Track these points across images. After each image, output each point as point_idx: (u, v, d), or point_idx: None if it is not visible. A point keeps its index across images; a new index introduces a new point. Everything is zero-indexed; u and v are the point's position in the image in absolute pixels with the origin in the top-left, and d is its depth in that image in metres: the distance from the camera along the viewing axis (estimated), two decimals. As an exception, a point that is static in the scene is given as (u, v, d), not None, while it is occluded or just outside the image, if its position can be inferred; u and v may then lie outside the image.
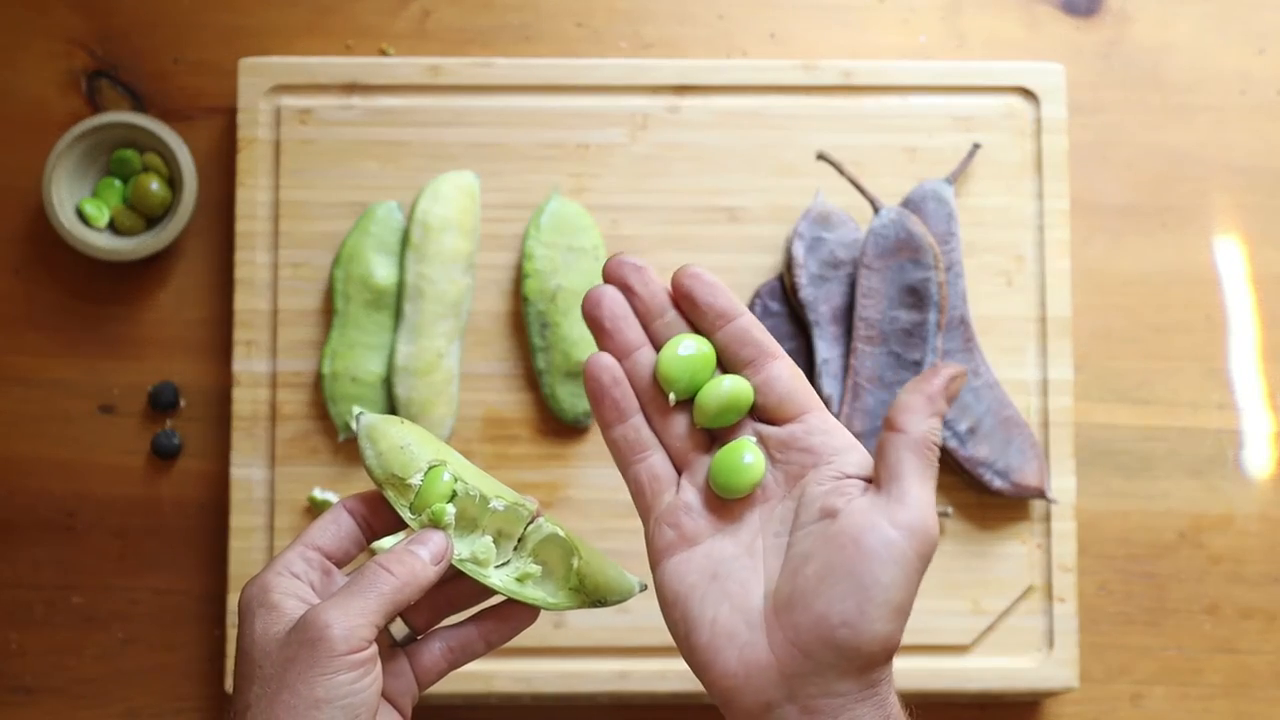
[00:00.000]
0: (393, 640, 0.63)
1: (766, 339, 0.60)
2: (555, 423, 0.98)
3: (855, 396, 0.94)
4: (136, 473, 1.00)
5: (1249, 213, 1.03)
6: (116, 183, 1.00)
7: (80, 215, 0.99)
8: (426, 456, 0.62)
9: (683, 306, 0.60)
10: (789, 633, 0.56)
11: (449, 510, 0.62)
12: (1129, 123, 1.03)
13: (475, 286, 0.99)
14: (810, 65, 1.00)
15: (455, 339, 0.97)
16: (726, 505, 0.60)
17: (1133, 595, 1.00)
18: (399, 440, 0.62)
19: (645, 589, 0.64)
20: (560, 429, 0.98)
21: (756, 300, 0.97)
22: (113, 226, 1.00)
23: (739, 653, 0.56)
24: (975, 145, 0.98)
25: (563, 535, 0.63)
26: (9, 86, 1.02)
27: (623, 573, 0.64)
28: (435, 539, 0.61)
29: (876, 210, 0.95)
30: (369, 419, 0.62)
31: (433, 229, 0.96)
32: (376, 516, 0.63)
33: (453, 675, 0.65)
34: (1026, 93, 1.00)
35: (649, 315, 0.60)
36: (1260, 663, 1.00)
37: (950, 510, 0.97)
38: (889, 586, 0.55)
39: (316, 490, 0.96)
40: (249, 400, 0.97)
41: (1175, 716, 0.99)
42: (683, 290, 0.60)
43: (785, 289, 0.97)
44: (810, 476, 0.58)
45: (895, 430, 0.58)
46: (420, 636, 0.64)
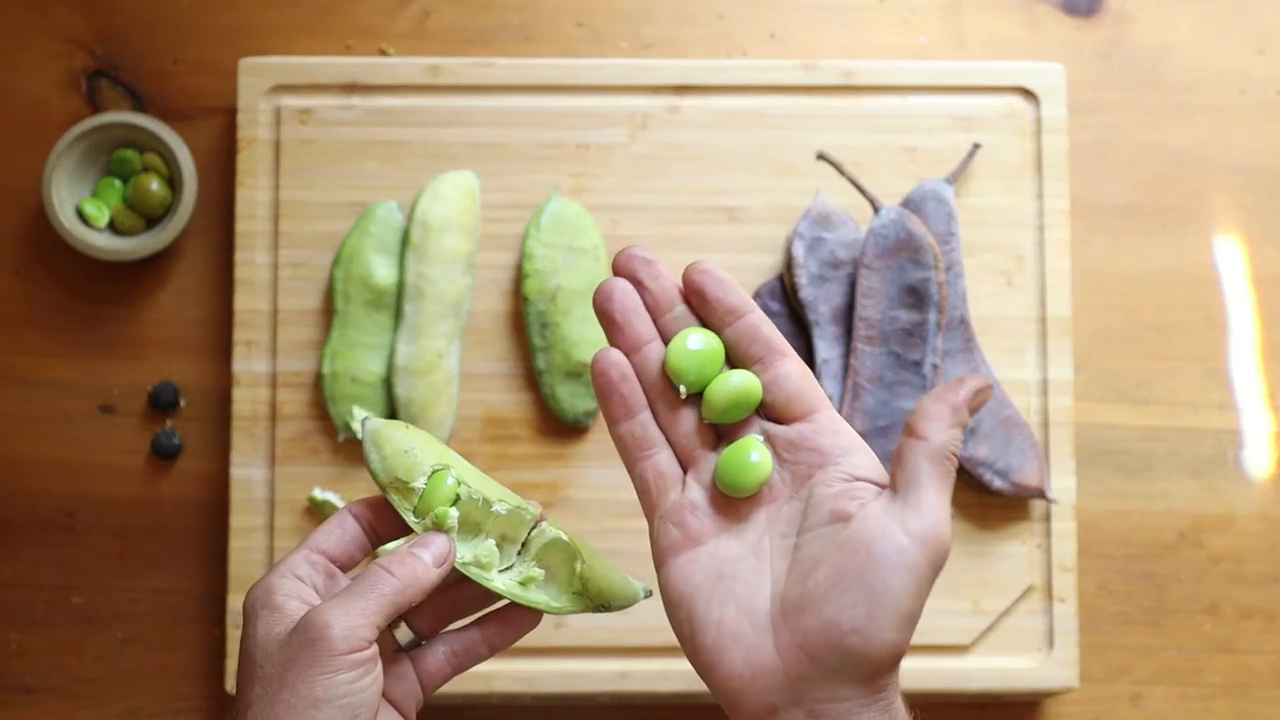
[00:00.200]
0: (397, 645, 0.63)
1: (776, 337, 0.60)
2: (555, 423, 0.98)
3: (855, 396, 0.94)
4: (136, 473, 1.00)
5: (1249, 213, 1.03)
6: (116, 183, 1.00)
7: (80, 215, 0.99)
8: (430, 461, 0.62)
9: (693, 302, 0.60)
10: (797, 636, 0.55)
11: (452, 514, 0.62)
12: (1129, 123, 1.03)
13: (475, 286, 0.99)
14: (810, 65, 1.00)
15: (455, 339, 0.97)
16: (733, 504, 0.59)
17: (1133, 595, 1.00)
18: (403, 444, 0.62)
19: (650, 595, 0.63)
20: (560, 429, 0.98)
21: (756, 300, 0.97)
22: (113, 226, 1.00)
23: (745, 654, 0.56)
24: (975, 145, 0.98)
25: (566, 540, 0.63)
26: (9, 86, 1.02)
27: (627, 578, 0.64)
28: (438, 542, 0.61)
29: (876, 210, 0.95)
30: (374, 424, 0.63)
31: (433, 229, 0.96)
32: (381, 521, 0.63)
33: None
34: (1026, 93, 1.00)
35: (658, 309, 0.60)
36: (1260, 663, 1.00)
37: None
38: (900, 594, 0.54)
39: (316, 490, 0.96)
40: (249, 400, 0.97)
41: (1175, 716, 0.99)
42: (694, 286, 0.60)
43: (785, 289, 0.97)
44: (818, 477, 0.58)
45: (916, 437, 0.57)
46: (424, 641, 0.64)
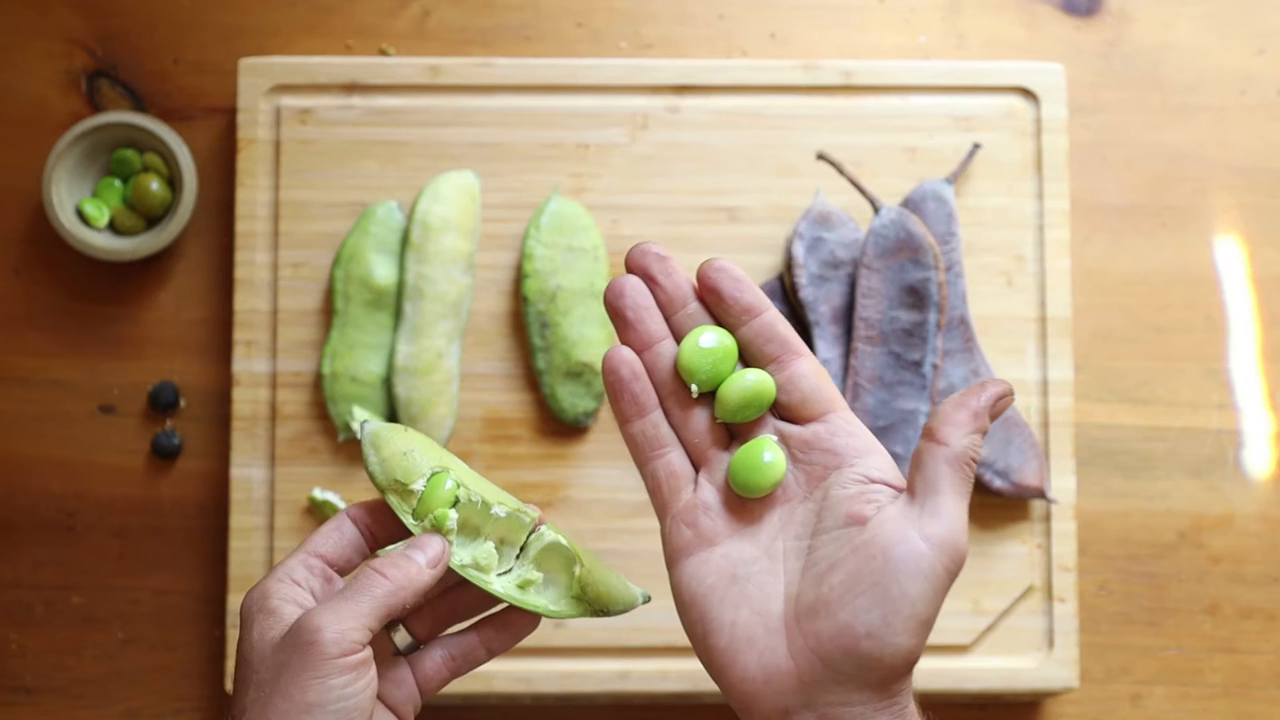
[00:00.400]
0: (396, 649, 0.63)
1: (791, 336, 0.59)
2: (555, 423, 0.98)
3: (855, 397, 0.94)
4: (136, 473, 1.00)
5: (1249, 213, 1.03)
6: (116, 183, 1.00)
7: (80, 215, 0.99)
8: (429, 463, 0.62)
9: (707, 300, 0.59)
10: (810, 640, 0.55)
11: (451, 516, 0.62)
12: (1129, 123, 1.03)
13: (475, 286, 0.99)
14: (810, 65, 1.00)
15: (455, 339, 0.97)
16: (746, 505, 0.59)
17: (1133, 595, 1.00)
18: (402, 447, 0.62)
19: (649, 600, 0.63)
20: (560, 429, 0.98)
21: (756, 300, 0.97)
22: (113, 226, 1.00)
23: (758, 657, 0.56)
24: (975, 145, 0.98)
25: (565, 544, 0.63)
26: (9, 86, 1.02)
27: (626, 584, 0.63)
28: (433, 544, 0.61)
29: (876, 210, 0.95)
30: (373, 426, 0.63)
31: (433, 229, 0.96)
32: (379, 525, 0.63)
33: (453, 676, 0.65)
34: (1026, 93, 1.00)
35: (671, 306, 0.59)
36: (1260, 663, 1.00)
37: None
38: (916, 600, 0.54)
39: (316, 490, 0.96)
40: (249, 400, 0.97)
41: (1175, 716, 0.99)
42: (708, 284, 0.59)
43: (785, 289, 0.97)
44: (833, 479, 0.57)
45: (935, 442, 0.56)
46: (423, 645, 0.64)
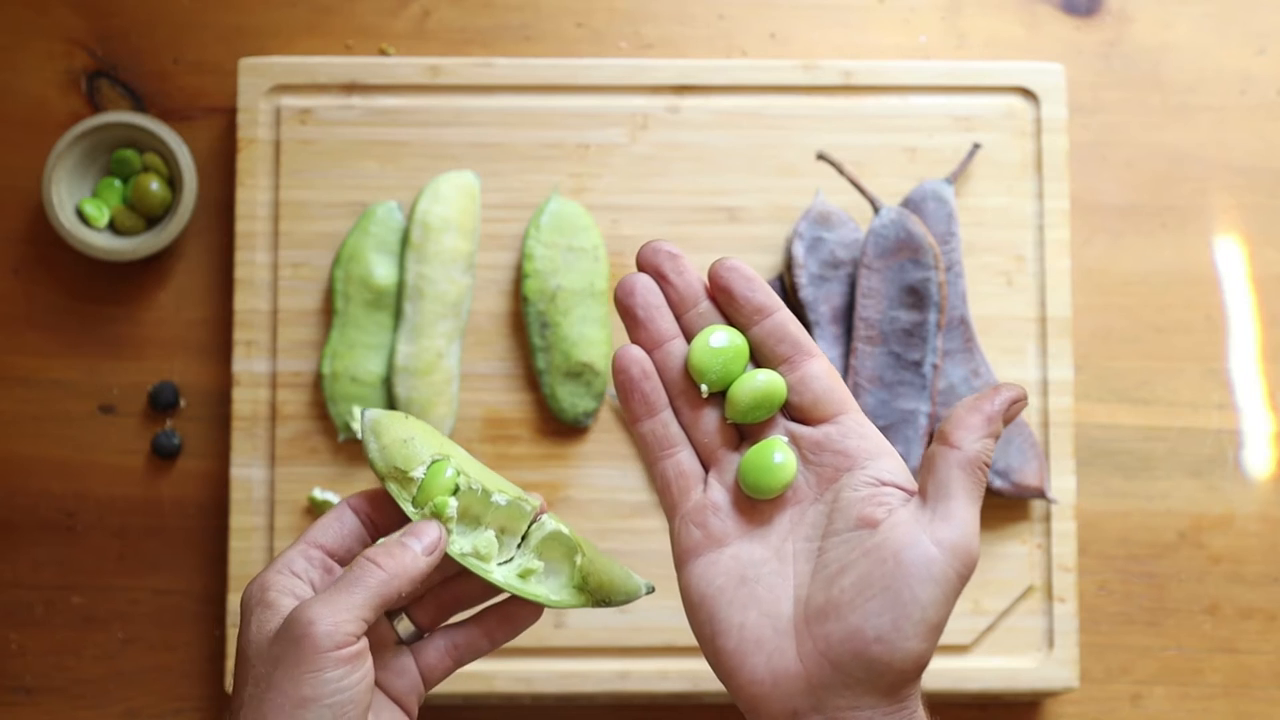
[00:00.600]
0: (399, 638, 0.63)
1: (803, 336, 0.59)
2: (555, 423, 0.98)
3: (855, 396, 0.94)
4: (136, 473, 0.99)
5: (1249, 213, 1.03)
6: (116, 183, 1.00)
7: (80, 215, 0.99)
8: (430, 451, 0.62)
9: (719, 299, 0.59)
10: (820, 643, 0.55)
11: (451, 503, 0.61)
12: (1129, 123, 1.03)
13: (475, 286, 0.99)
14: (810, 65, 1.00)
15: (455, 339, 0.97)
16: (755, 506, 0.58)
17: (1133, 595, 1.00)
18: (402, 434, 0.62)
19: (652, 591, 0.63)
20: (560, 429, 0.98)
21: (756, 300, 0.97)
22: (113, 226, 1.00)
23: (767, 660, 0.56)
24: (975, 145, 0.98)
25: (567, 533, 0.63)
26: (9, 86, 1.02)
27: (629, 573, 0.63)
28: (429, 530, 0.60)
29: (876, 210, 0.95)
30: (373, 414, 0.62)
31: (433, 229, 0.96)
32: (380, 514, 0.63)
33: (453, 675, 0.65)
34: (1026, 93, 1.00)
35: (682, 305, 0.59)
36: (1260, 663, 1.00)
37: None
38: (927, 605, 0.54)
39: (316, 490, 0.96)
40: (249, 400, 0.97)
41: (1175, 716, 0.99)
42: (720, 283, 0.58)
43: (785, 289, 0.97)
44: (844, 481, 0.57)
45: (948, 445, 0.56)
46: (426, 634, 0.64)
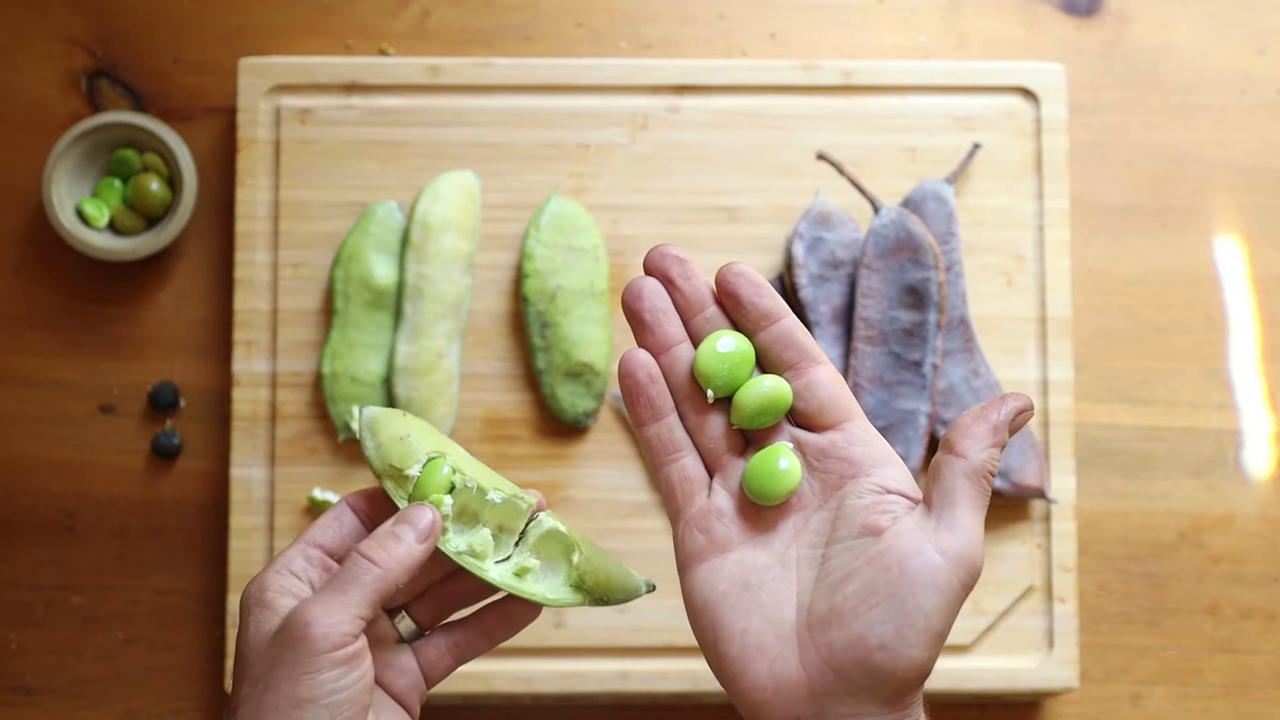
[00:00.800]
0: (400, 636, 0.63)
1: (810, 343, 0.59)
2: (555, 423, 0.98)
3: (855, 397, 0.94)
4: (136, 473, 0.99)
5: (1249, 213, 1.03)
6: (116, 183, 1.00)
7: (80, 215, 0.99)
8: (426, 448, 0.62)
9: (726, 305, 0.59)
10: (822, 651, 0.55)
11: (446, 501, 0.61)
12: (1129, 123, 1.03)
13: (475, 286, 0.99)
14: (810, 65, 1.00)
15: (455, 339, 0.97)
16: (760, 512, 0.58)
17: (1133, 595, 1.00)
18: (399, 432, 0.62)
19: (653, 589, 0.63)
20: (560, 429, 0.98)
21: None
22: (113, 226, 1.00)
23: (769, 666, 0.55)
24: (975, 145, 0.98)
25: (564, 530, 0.63)
26: (9, 86, 1.02)
27: (628, 571, 0.63)
28: (422, 516, 0.59)
29: (876, 210, 0.95)
30: (370, 411, 0.62)
31: (433, 229, 0.96)
32: (379, 513, 0.62)
33: (453, 675, 0.65)
34: (1026, 93, 1.00)
35: (689, 310, 0.59)
36: (1260, 663, 1.00)
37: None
38: (931, 614, 0.54)
39: (316, 490, 0.96)
40: (249, 400, 0.97)
41: (1175, 716, 0.99)
42: (727, 288, 0.58)
43: (785, 289, 0.97)
44: (849, 488, 0.57)
45: (954, 454, 0.56)
46: (427, 632, 0.64)
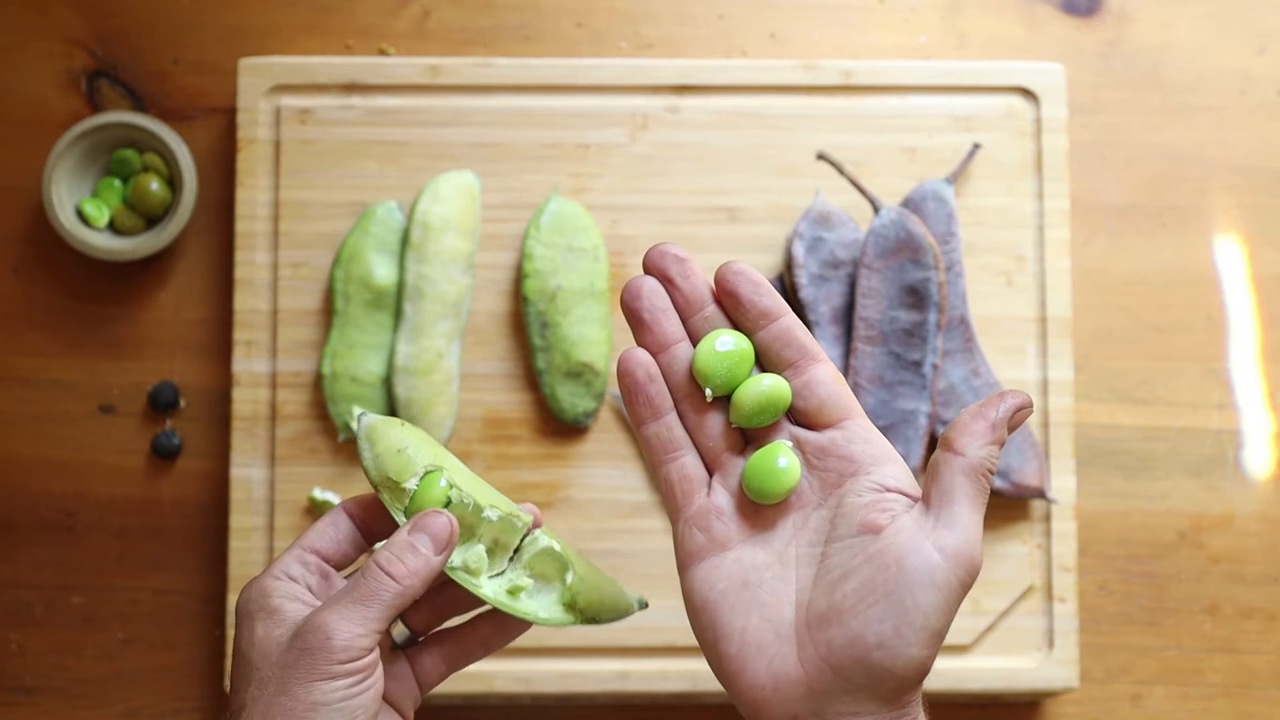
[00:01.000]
0: (394, 643, 0.63)
1: (809, 341, 0.59)
2: (555, 423, 0.98)
3: (855, 397, 0.94)
4: (136, 473, 1.00)
5: (1249, 213, 1.03)
6: (116, 183, 1.00)
7: (80, 215, 0.99)
8: (424, 461, 0.61)
9: (725, 303, 0.59)
10: (821, 649, 0.55)
11: None
12: (1129, 123, 1.03)
13: (475, 286, 0.99)
14: (810, 65, 1.00)
15: (455, 339, 0.97)
16: (759, 511, 0.58)
17: (1133, 595, 1.00)
18: (397, 443, 0.61)
19: (645, 606, 0.63)
20: (560, 429, 0.98)
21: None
22: (113, 226, 1.00)
23: (768, 664, 0.55)
24: (975, 145, 0.98)
25: (559, 550, 0.62)
26: (9, 86, 1.02)
27: (621, 590, 0.63)
28: (436, 523, 0.60)
29: (876, 210, 0.95)
30: (370, 420, 0.62)
31: (433, 229, 0.96)
32: (375, 520, 0.63)
33: (453, 675, 0.65)
34: (1026, 93, 1.00)
35: (689, 309, 0.59)
36: (1260, 663, 1.00)
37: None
38: (929, 612, 0.54)
39: (316, 490, 0.96)
40: (249, 400, 0.97)
41: (1175, 716, 0.99)
42: (727, 287, 0.58)
43: (785, 289, 0.97)
44: (848, 486, 0.57)
45: (952, 452, 0.56)
46: (420, 639, 0.64)
